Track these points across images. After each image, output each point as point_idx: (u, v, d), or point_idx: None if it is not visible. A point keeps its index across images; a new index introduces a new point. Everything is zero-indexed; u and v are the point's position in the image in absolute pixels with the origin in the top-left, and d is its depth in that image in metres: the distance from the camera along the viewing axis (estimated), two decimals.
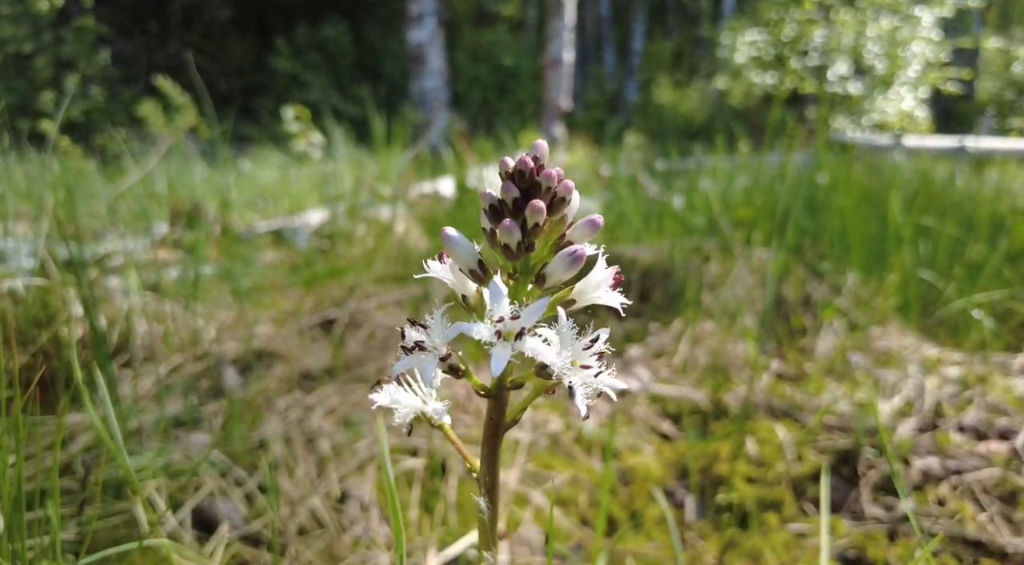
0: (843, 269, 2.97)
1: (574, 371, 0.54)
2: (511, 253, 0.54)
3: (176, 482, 1.42)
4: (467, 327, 0.52)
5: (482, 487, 0.60)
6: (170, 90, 5.81)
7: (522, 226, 0.53)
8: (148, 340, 2.01)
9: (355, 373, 2.01)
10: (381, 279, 3.21)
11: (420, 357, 0.57)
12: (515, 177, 0.54)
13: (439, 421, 0.61)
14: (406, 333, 0.58)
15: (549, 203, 0.54)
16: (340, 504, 1.42)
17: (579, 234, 0.55)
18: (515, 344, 0.51)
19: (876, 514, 1.74)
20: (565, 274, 0.55)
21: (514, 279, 0.56)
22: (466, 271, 0.57)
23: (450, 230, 0.56)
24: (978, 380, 2.28)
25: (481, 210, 0.58)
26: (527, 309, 0.51)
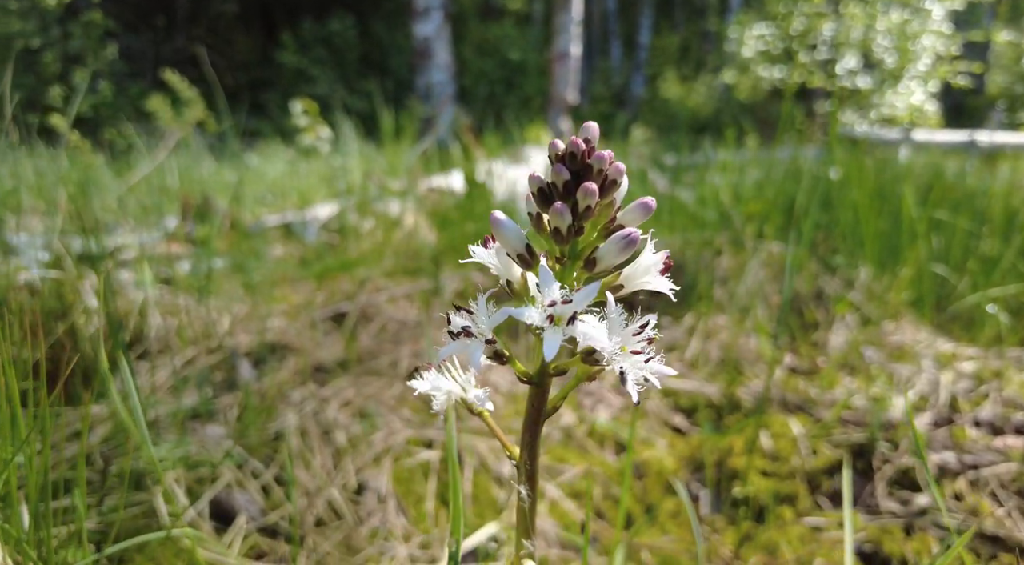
0: (856, 263, 2.95)
1: (623, 357, 0.53)
2: (560, 237, 0.53)
3: (194, 473, 1.42)
4: (517, 312, 0.51)
5: (522, 475, 0.59)
6: (178, 84, 5.82)
7: (572, 209, 0.53)
8: (162, 333, 2.02)
9: (368, 366, 2.01)
10: (391, 273, 3.21)
11: (467, 342, 0.56)
12: (566, 159, 0.54)
13: (480, 408, 0.60)
14: (451, 318, 0.57)
15: (600, 186, 0.53)
16: (357, 496, 1.42)
17: (630, 218, 0.54)
18: (566, 329, 0.50)
19: (892, 508, 1.73)
20: (617, 258, 0.54)
21: (561, 264, 0.56)
22: (513, 255, 0.56)
23: (499, 214, 0.56)
24: (993, 375, 2.26)
25: (528, 194, 0.57)
26: (578, 293, 0.51)
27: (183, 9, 15.48)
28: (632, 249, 0.54)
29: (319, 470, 1.46)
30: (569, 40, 11.24)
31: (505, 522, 1.44)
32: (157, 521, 1.28)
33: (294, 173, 5.74)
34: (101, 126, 8.49)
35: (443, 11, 11.29)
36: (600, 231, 0.55)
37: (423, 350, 2.11)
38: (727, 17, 24.51)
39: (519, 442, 0.59)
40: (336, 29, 15.24)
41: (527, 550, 0.59)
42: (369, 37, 16.29)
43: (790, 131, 4.84)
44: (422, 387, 0.60)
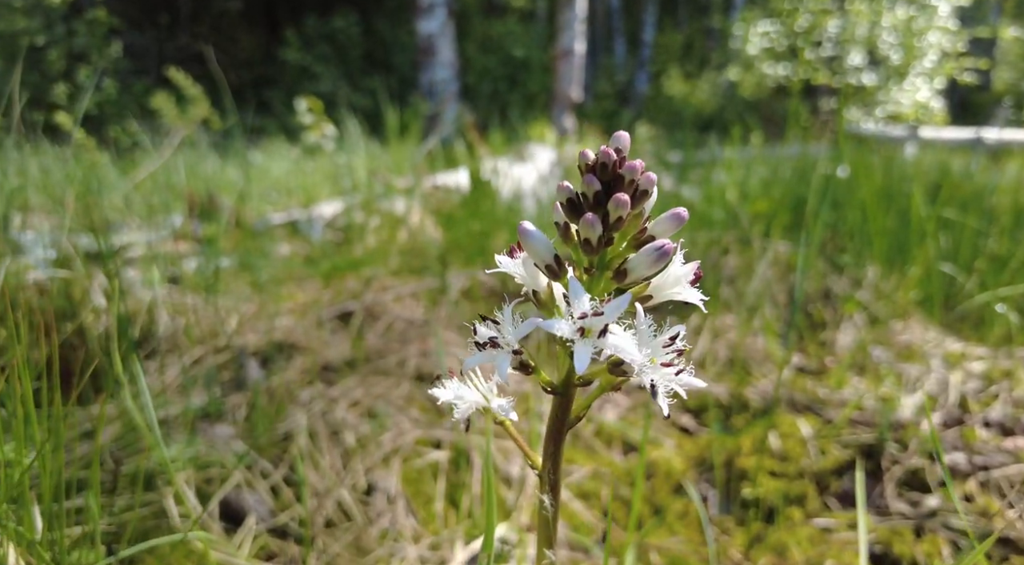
0: (863, 262, 2.94)
1: (653, 369, 0.52)
2: (590, 248, 0.52)
3: (203, 474, 1.42)
4: (548, 324, 0.50)
5: (545, 484, 0.59)
6: (182, 81, 5.82)
7: (603, 220, 0.52)
8: (170, 332, 2.02)
9: (376, 365, 2.01)
10: (397, 271, 3.21)
11: (494, 353, 0.56)
12: (597, 170, 0.53)
13: (503, 417, 0.60)
14: (478, 329, 0.57)
15: (631, 196, 0.52)
16: (366, 496, 1.42)
17: (661, 228, 0.54)
18: (597, 341, 0.49)
19: (901, 509, 1.72)
20: (649, 270, 0.53)
21: (590, 274, 0.55)
22: (541, 266, 0.56)
23: (527, 224, 0.55)
24: (1003, 375, 2.25)
25: (556, 203, 0.57)
26: (609, 305, 0.50)
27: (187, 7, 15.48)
28: (665, 261, 0.53)
29: (328, 471, 1.45)
30: (573, 37, 11.21)
31: (515, 523, 1.43)
32: (167, 521, 1.28)
33: (299, 171, 5.75)
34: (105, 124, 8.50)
35: (447, 8, 11.26)
36: (630, 241, 0.55)
37: (431, 349, 2.11)
38: (731, 14, 24.41)
39: (542, 451, 0.58)
40: (340, 26, 15.22)
41: (549, 560, 0.58)
42: (372, 34, 16.26)
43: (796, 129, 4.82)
44: (445, 396, 0.60)
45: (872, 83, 12.95)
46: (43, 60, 8.41)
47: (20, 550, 0.95)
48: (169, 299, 2.20)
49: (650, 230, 0.54)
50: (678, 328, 0.54)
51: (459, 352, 2.13)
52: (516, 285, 2.58)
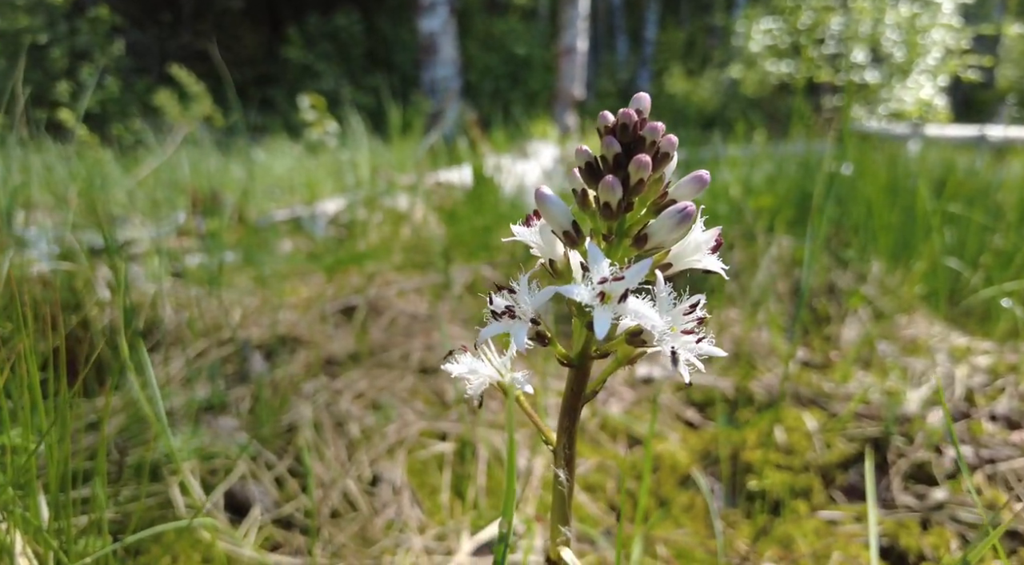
0: (868, 257, 2.93)
1: (674, 337, 0.52)
2: (610, 212, 0.51)
3: (207, 465, 1.42)
4: (566, 289, 0.49)
5: (560, 459, 0.58)
6: (185, 79, 5.82)
7: (623, 183, 0.51)
8: (173, 325, 2.02)
9: (380, 359, 2.01)
10: (400, 267, 3.21)
11: (511, 323, 0.55)
12: (617, 131, 0.52)
13: (519, 391, 0.59)
14: (493, 299, 0.56)
15: (652, 158, 0.51)
16: (372, 487, 1.42)
17: (682, 192, 0.53)
18: (617, 307, 0.49)
19: (907, 502, 1.71)
20: (671, 234, 0.52)
21: (608, 241, 0.54)
22: (559, 233, 0.55)
23: (545, 188, 0.54)
24: (1009, 369, 2.24)
25: (572, 169, 0.56)
26: (629, 270, 0.49)
27: (189, 5, 15.49)
28: (687, 224, 0.52)
29: (333, 462, 1.45)
30: (576, 35, 11.19)
31: (522, 514, 1.43)
32: (172, 512, 1.28)
33: (301, 168, 5.74)
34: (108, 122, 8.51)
35: (449, 6, 11.25)
36: (650, 207, 0.54)
37: (435, 343, 2.10)
38: (733, 12, 24.34)
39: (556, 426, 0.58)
40: (342, 24, 15.21)
41: (564, 537, 0.58)
42: (374, 32, 16.25)
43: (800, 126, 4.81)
44: (458, 370, 0.59)
45: (875, 80, 12.91)
46: (45, 58, 8.42)
47: (27, 538, 0.94)
48: (173, 293, 2.20)
49: (671, 194, 0.53)
50: (698, 296, 0.53)
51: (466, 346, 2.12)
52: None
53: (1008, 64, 21.37)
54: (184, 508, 1.26)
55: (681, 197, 0.53)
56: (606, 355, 0.57)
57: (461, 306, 2.75)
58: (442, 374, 1.94)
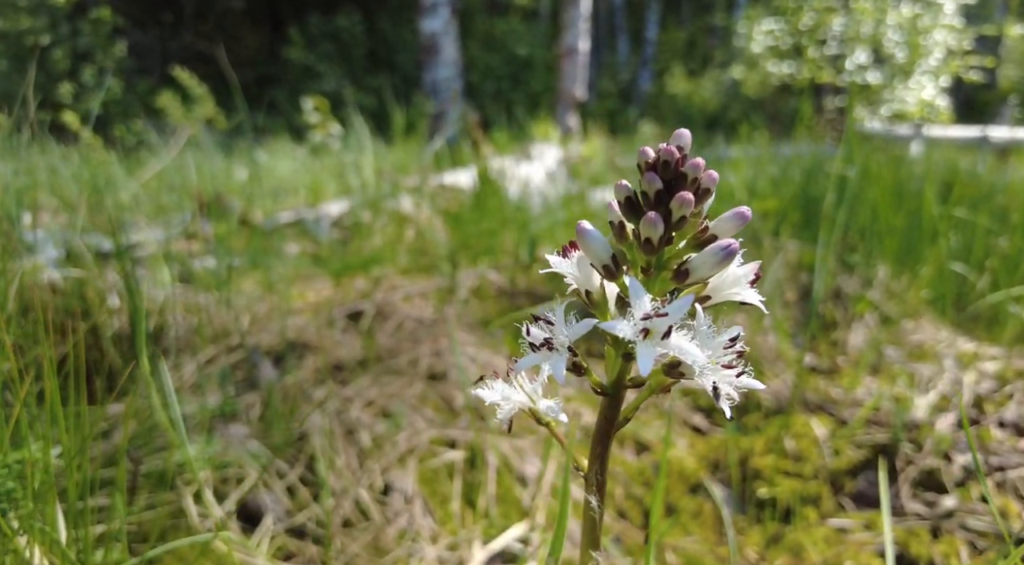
0: (874, 261, 2.93)
1: (714, 371, 0.52)
2: (651, 247, 0.52)
3: (219, 473, 1.42)
4: (609, 325, 0.49)
5: (592, 485, 0.58)
6: (188, 81, 5.82)
7: (665, 219, 0.51)
8: (181, 331, 2.02)
9: (388, 365, 2.01)
10: (406, 270, 3.21)
11: (548, 355, 0.55)
12: (658, 167, 0.52)
13: (550, 418, 0.59)
14: (531, 330, 0.56)
15: (694, 194, 0.52)
16: (383, 496, 1.42)
17: (723, 228, 0.53)
18: (661, 343, 0.49)
19: (917, 510, 1.71)
20: (713, 270, 0.52)
21: (647, 274, 0.54)
22: (598, 266, 0.55)
23: (585, 224, 0.54)
24: (1017, 375, 2.24)
25: (610, 203, 0.56)
26: (672, 306, 0.49)
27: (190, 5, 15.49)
28: (730, 261, 0.52)
29: (345, 470, 1.45)
30: (577, 36, 11.19)
31: (531, 523, 1.43)
32: (185, 521, 1.28)
33: (304, 170, 5.75)
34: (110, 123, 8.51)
35: (450, 7, 11.25)
36: (689, 241, 0.54)
37: (443, 349, 2.10)
38: (734, 12, 24.33)
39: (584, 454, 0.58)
40: (343, 25, 15.21)
41: (595, 561, 0.58)
42: (376, 33, 16.25)
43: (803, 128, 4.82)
44: (491, 397, 0.59)
45: (877, 81, 12.90)
46: (48, 59, 8.43)
47: (43, 549, 0.95)
48: (181, 298, 2.21)
49: (712, 229, 0.53)
50: (737, 329, 0.53)
51: (471, 351, 2.12)
52: (526, 283, 2.59)
53: (1010, 65, 21.36)
54: (198, 518, 1.26)
55: (722, 233, 0.53)
56: (641, 384, 0.57)
57: (467, 310, 2.75)
58: (451, 380, 1.94)
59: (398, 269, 3.13)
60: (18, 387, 0.89)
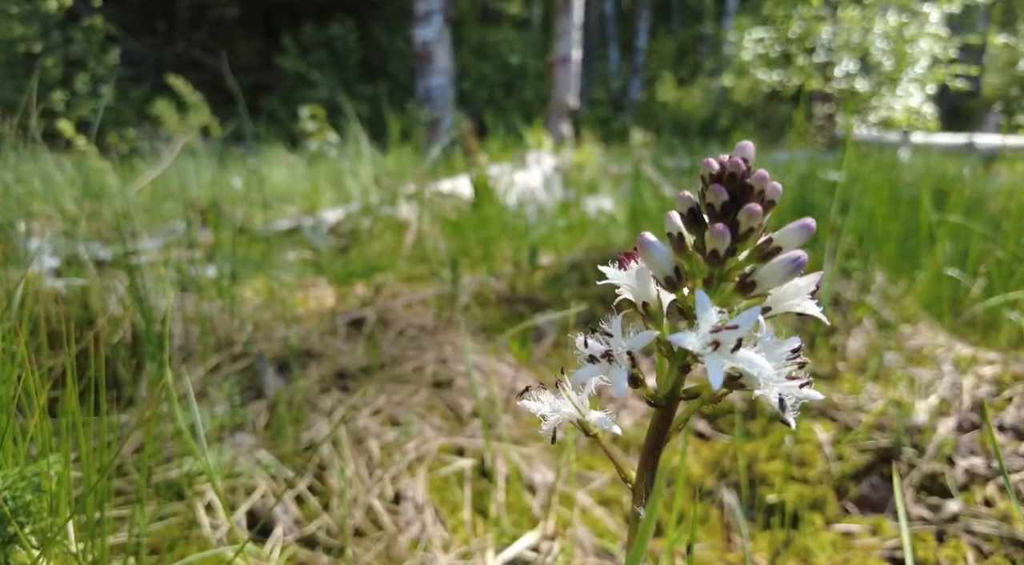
0: (871, 267, 2.96)
1: (778, 382, 0.52)
2: (717, 259, 0.52)
3: (227, 483, 1.41)
4: (677, 338, 0.50)
5: (641, 498, 0.58)
6: (182, 88, 5.81)
7: (732, 230, 0.52)
8: (184, 340, 2.01)
9: (393, 372, 2.00)
10: (406, 278, 3.20)
11: (608, 367, 0.55)
12: (724, 179, 0.53)
13: (602, 430, 0.59)
14: (588, 342, 0.56)
15: (761, 206, 0.52)
16: (394, 505, 1.41)
17: (788, 239, 0.53)
18: (730, 356, 0.49)
19: (922, 514, 1.73)
20: (780, 282, 0.53)
21: (709, 285, 0.55)
22: (660, 278, 0.55)
23: (648, 235, 0.55)
24: (1014, 379, 2.27)
25: (668, 213, 0.57)
26: (741, 318, 0.50)
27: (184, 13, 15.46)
28: (799, 273, 0.53)
29: (355, 479, 1.45)
30: (570, 45, 11.27)
31: (542, 531, 1.43)
32: (196, 531, 1.27)
33: (301, 177, 5.73)
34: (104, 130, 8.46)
35: (443, 15, 11.30)
36: (752, 252, 0.55)
37: (448, 356, 2.10)
38: (723, 21, 24.61)
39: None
40: (336, 33, 15.23)
41: None
42: (369, 41, 16.28)
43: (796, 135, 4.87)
44: (541, 409, 0.59)
45: (865, 89, 13.08)
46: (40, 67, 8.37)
47: (58, 562, 0.93)
48: (183, 307, 2.19)
49: (776, 240, 0.54)
50: (796, 340, 0.54)
51: (476, 358, 2.12)
52: (526, 290, 2.58)
53: (993, 73, 21.72)
54: (209, 528, 1.25)
55: (786, 244, 0.53)
56: (695, 395, 0.58)
57: (468, 317, 2.75)
58: (456, 388, 1.94)
59: (398, 276, 3.13)
60: (35, 398, 0.88)
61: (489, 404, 1.85)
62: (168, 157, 4.50)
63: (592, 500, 1.70)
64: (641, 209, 3.65)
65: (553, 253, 3.59)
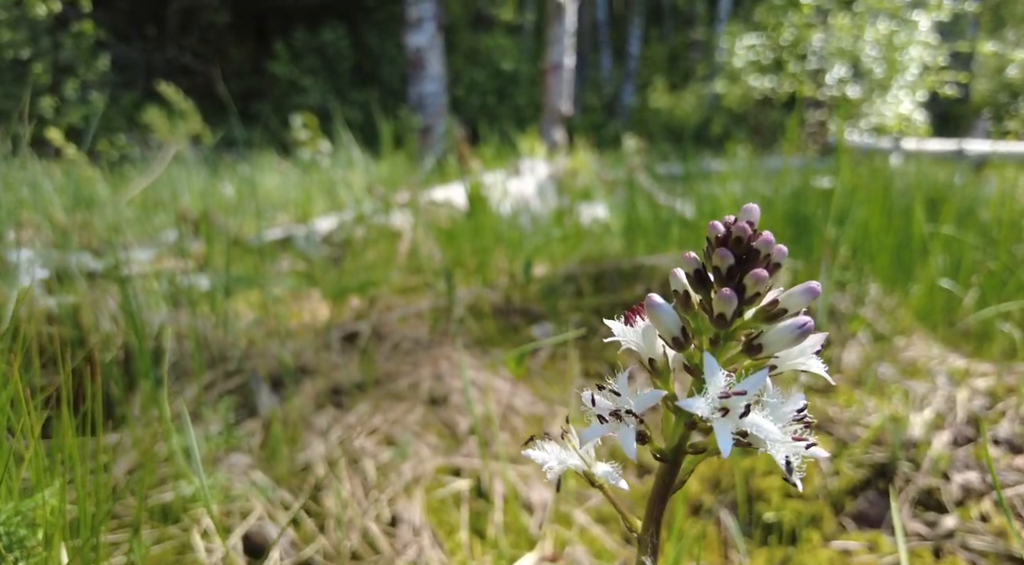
0: (865, 279, 2.98)
1: (785, 444, 0.52)
2: (723, 322, 0.52)
3: (223, 505, 1.39)
4: (687, 404, 0.50)
5: (647, 548, 0.58)
6: (173, 96, 5.78)
7: (738, 294, 0.51)
8: (178, 356, 1.99)
9: (388, 389, 1.99)
10: (401, 289, 3.19)
11: (617, 425, 0.55)
12: (730, 243, 0.53)
13: (606, 482, 0.59)
14: (596, 400, 0.56)
15: (767, 269, 0.52)
16: (391, 527, 1.40)
17: (794, 302, 0.53)
18: (739, 421, 0.49)
19: (918, 530, 1.73)
20: (787, 346, 0.53)
21: (715, 345, 0.54)
22: (667, 338, 0.55)
23: (656, 298, 0.54)
24: (1008, 392, 2.28)
25: (674, 272, 0.56)
26: (748, 383, 0.50)
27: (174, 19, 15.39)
28: (806, 338, 0.53)
29: (351, 501, 1.43)
30: (563, 52, 11.31)
31: (540, 552, 1.42)
32: (191, 556, 1.25)
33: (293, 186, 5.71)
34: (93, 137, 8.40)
35: (436, 22, 11.31)
36: (758, 313, 0.54)
37: (442, 372, 2.09)
38: (715, 26, 24.81)
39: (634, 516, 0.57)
40: (328, 39, 15.22)
41: None
42: (361, 47, 16.27)
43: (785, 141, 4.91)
44: (547, 460, 0.58)
45: (857, 96, 13.21)
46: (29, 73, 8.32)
47: None
48: (176, 322, 2.17)
49: (781, 302, 0.54)
50: (801, 399, 0.54)
51: (472, 374, 2.11)
52: (520, 301, 2.56)
53: (982, 79, 21.99)
54: (205, 552, 1.23)
55: (792, 306, 0.53)
56: (701, 450, 0.58)
57: (463, 329, 2.74)
58: (452, 405, 1.92)
59: (392, 288, 3.11)
60: (29, 427, 0.87)
61: (485, 421, 1.85)
62: (159, 166, 4.46)
63: (590, 518, 1.69)
64: (636, 220, 3.66)
65: (548, 263, 3.58)
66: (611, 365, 2.62)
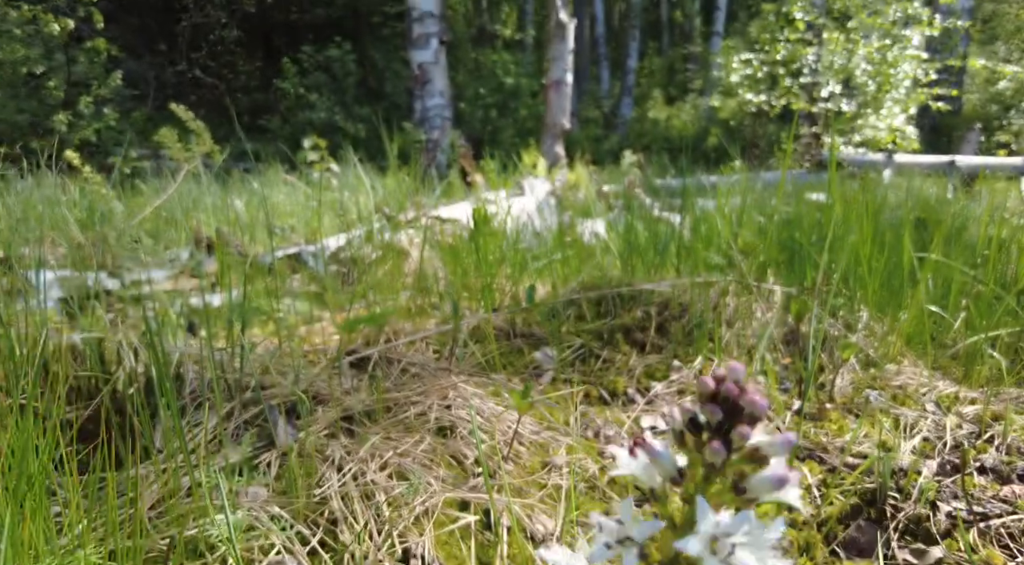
0: (856, 305, 3.06)
1: None
2: (714, 469, 0.63)
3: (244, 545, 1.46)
4: (682, 544, 0.60)
5: None
6: (184, 114, 5.89)
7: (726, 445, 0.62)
8: (196, 384, 2.07)
9: (397, 418, 2.07)
10: (407, 311, 3.27)
11: (622, 550, 0.65)
12: (719, 400, 0.63)
13: None
14: (603, 525, 0.66)
15: (750, 425, 0.63)
16: (402, 563, 1.47)
17: (775, 449, 0.64)
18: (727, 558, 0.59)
19: (907, 559, 1.80)
20: (769, 494, 0.63)
21: (708, 481, 0.65)
22: (666, 478, 0.66)
23: (656, 445, 0.65)
24: (994, 418, 2.35)
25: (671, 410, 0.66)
26: (735, 522, 0.60)
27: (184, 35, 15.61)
28: (783, 487, 0.63)
29: (364, 535, 1.51)
30: (564, 68, 11.46)
31: None
32: None
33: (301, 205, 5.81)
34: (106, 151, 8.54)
35: (439, 38, 11.48)
36: (742, 456, 0.65)
37: (450, 401, 2.17)
38: (711, 40, 25.08)
39: None
40: (335, 55, 15.43)
41: None
42: (367, 63, 16.49)
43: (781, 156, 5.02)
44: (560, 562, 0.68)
45: (849, 110, 13.37)
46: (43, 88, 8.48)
47: None
48: (192, 349, 2.25)
49: (763, 450, 0.64)
50: (780, 525, 0.63)
51: (477, 403, 2.19)
52: (523, 324, 2.64)
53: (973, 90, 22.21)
54: None
55: (773, 454, 0.64)
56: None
57: (467, 352, 2.82)
58: (459, 436, 2.00)
59: (400, 313, 3.19)
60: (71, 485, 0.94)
61: (491, 451, 1.92)
62: (171, 186, 4.57)
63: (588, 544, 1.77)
64: (635, 243, 3.75)
65: (550, 284, 3.67)
66: (610, 391, 2.71)
